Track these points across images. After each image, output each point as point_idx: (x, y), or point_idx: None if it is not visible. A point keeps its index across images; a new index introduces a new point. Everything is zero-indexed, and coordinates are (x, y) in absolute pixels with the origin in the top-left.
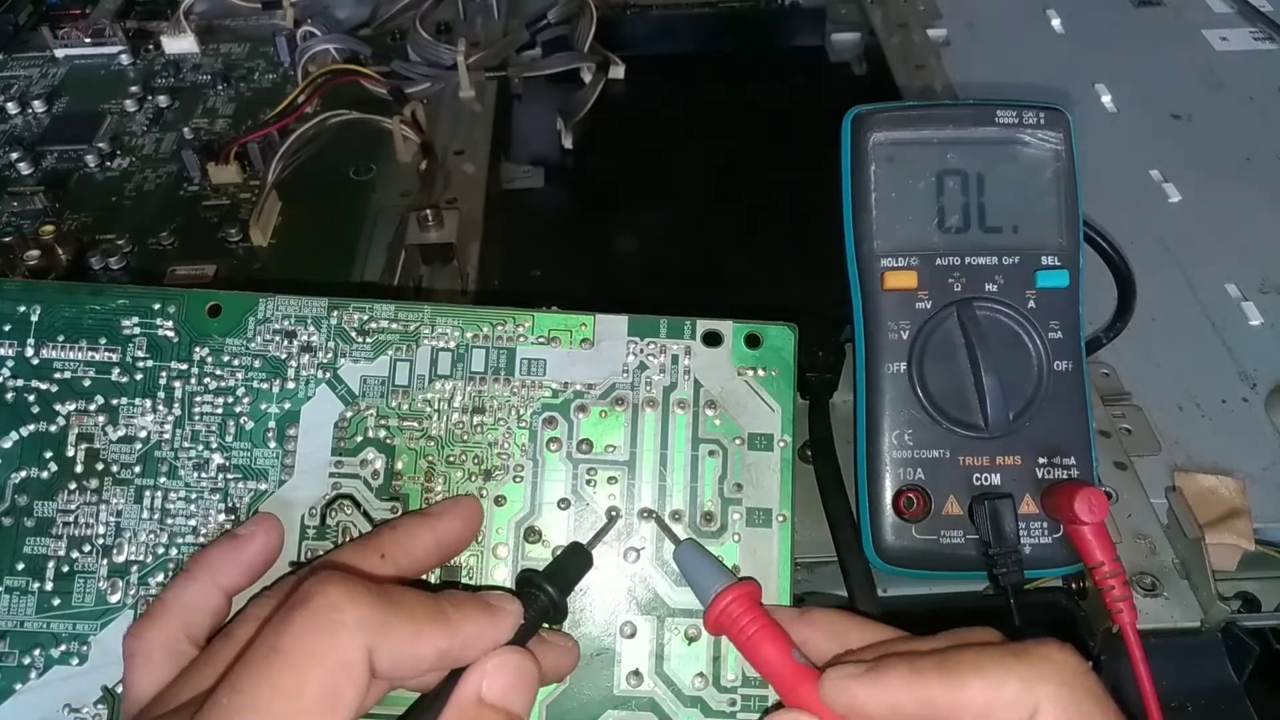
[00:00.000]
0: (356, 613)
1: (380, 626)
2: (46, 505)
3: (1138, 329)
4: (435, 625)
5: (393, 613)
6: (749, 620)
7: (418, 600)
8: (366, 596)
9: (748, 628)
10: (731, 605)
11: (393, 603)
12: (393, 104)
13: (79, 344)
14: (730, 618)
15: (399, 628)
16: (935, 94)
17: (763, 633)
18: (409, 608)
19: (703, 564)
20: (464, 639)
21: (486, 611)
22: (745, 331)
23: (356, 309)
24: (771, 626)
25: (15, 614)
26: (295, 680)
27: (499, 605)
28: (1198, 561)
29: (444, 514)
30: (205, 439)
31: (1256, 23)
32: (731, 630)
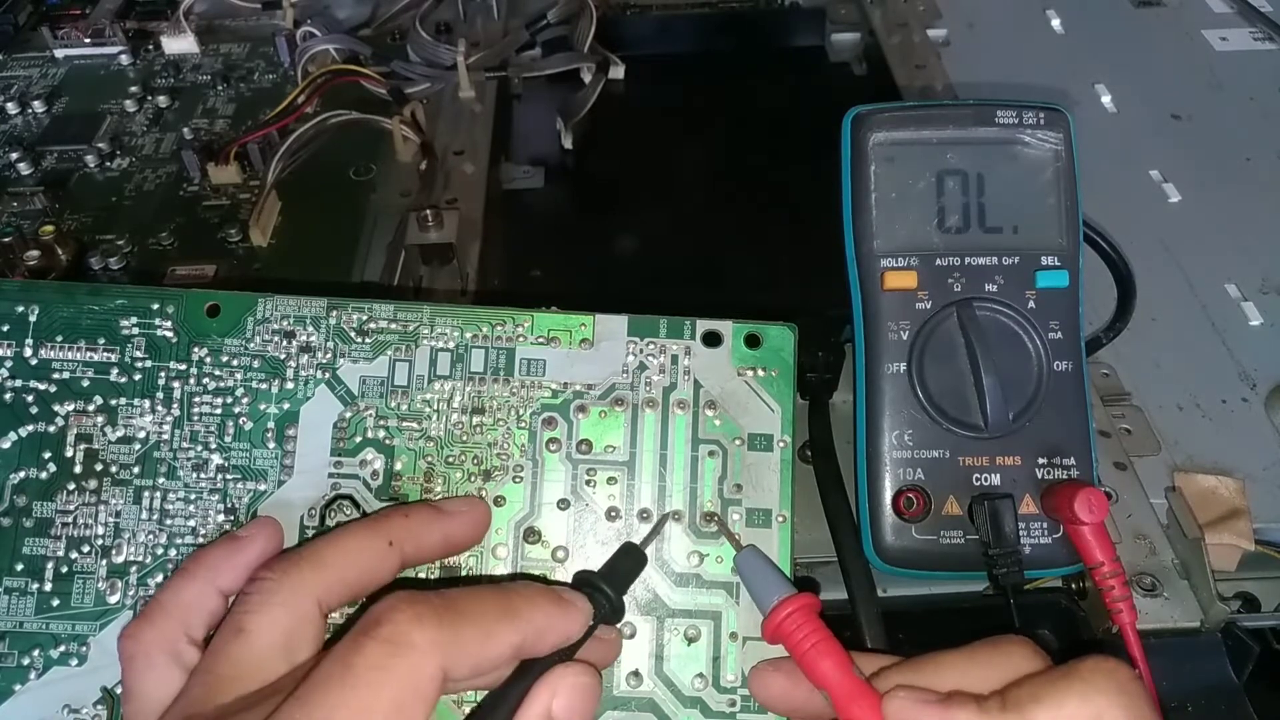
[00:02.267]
0: (426, 635)
1: (452, 643)
2: (45, 506)
3: (1138, 329)
4: (506, 622)
5: (462, 624)
6: (809, 632)
7: (485, 601)
8: (434, 616)
9: (807, 639)
10: (793, 616)
11: (460, 613)
12: (393, 104)
13: (77, 344)
14: (790, 629)
15: (469, 637)
16: (935, 94)
17: (823, 645)
18: (477, 613)
19: (765, 572)
20: (537, 630)
21: (558, 603)
22: (745, 332)
23: (355, 309)
24: (832, 640)
25: (14, 615)
26: (368, 698)
27: (571, 599)
28: (1198, 561)
29: (457, 513)
30: (204, 439)
31: (1256, 23)
32: (790, 641)
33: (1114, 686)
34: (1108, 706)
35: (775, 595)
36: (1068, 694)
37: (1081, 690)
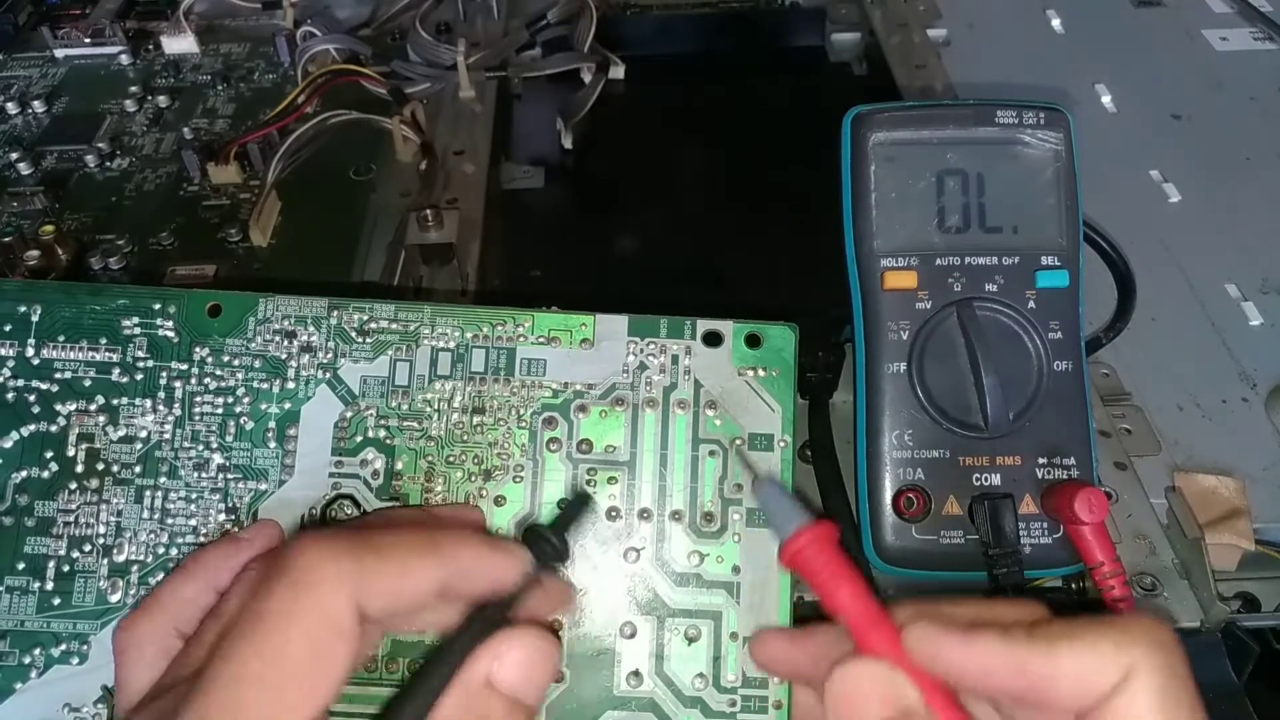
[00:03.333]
0: (336, 566)
1: (362, 573)
2: (47, 505)
3: (1138, 329)
4: (426, 557)
5: (374, 557)
6: (829, 559)
7: (403, 537)
8: (344, 547)
9: (826, 567)
10: (812, 544)
11: (373, 547)
12: (393, 104)
13: (79, 344)
14: (808, 556)
15: (383, 569)
16: (935, 94)
17: (842, 574)
18: (391, 545)
19: (783, 501)
20: (461, 568)
21: (488, 544)
22: (745, 332)
23: (356, 309)
24: (851, 569)
25: (16, 613)
26: (280, 643)
27: (504, 543)
28: (1198, 561)
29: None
30: (205, 439)
31: (1256, 23)
32: (808, 568)
33: (1153, 640)
34: (1143, 658)
35: (795, 522)
36: (1103, 639)
37: (1119, 640)
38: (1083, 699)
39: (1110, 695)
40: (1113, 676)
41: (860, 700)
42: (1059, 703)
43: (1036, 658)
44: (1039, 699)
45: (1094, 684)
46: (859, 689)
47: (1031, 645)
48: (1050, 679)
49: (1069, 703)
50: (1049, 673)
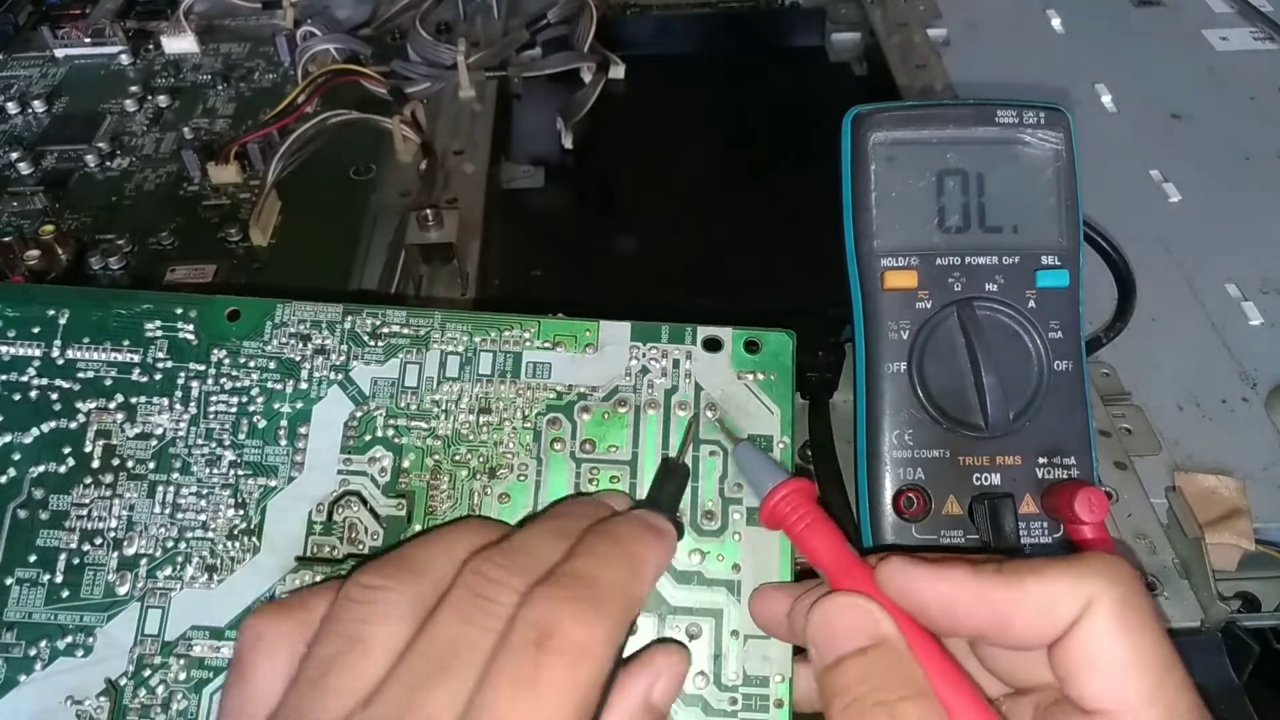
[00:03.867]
0: (596, 634)
1: (616, 629)
2: (61, 499)
3: (1138, 329)
4: (639, 583)
5: (616, 606)
6: (804, 513)
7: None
8: (593, 611)
9: (801, 520)
10: (788, 498)
11: (608, 592)
12: (393, 104)
13: (103, 345)
14: (785, 510)
15: (623, 614)
16: (935, 94)
17: (817, 524)
18: (617, 586)
19: (761, 461)
20: (655, 575)
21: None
22: (744, 338)
23: (369, 314)
24: (826, 520)
25: (24, 605)
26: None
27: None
28: (1198, 561)
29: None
30: (219, 436)
31: (1256, 23)
32: (785, 522)
33: (1113, 573)
34: (1104, 589)
35: (771, 480)
36: (1064, 573)
37: (1079, 572)
38: (1047, 630)
39: (1072, 627)
40: (1074, 607)
41: (836, 631)
42: (1024, 634)
43: (1001, 590)
44: (1004, 631)
45: (1057, 615)
46: (835, 620)
47: (997, 577)
48: (1015, 610)
49: (1034, 634)
50: (1013, 605)
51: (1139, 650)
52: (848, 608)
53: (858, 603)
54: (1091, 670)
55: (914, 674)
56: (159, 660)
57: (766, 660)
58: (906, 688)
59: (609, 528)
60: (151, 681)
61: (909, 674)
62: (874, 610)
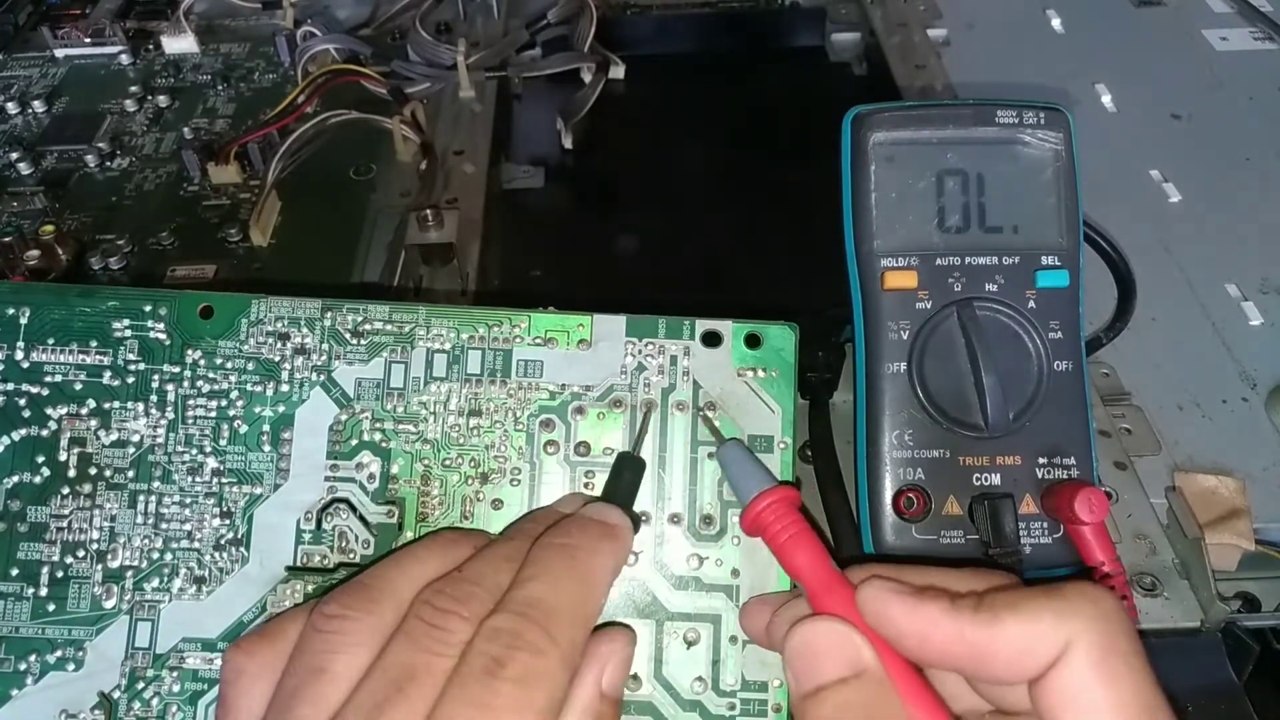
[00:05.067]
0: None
1: (571, 651)
2: (39, 510)
3: (1138, 329)
4: (592, 601)
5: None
6: (788, 523)
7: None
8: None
9: (784, 531)
10: (772, 507)
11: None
12: (393, 104)
13: (69, 347)
14: (768, 520)
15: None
16: (935, 94)
17: (799, 537)
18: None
19: (746, 465)
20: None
21: (610, 538)
22: (745, 332)
23: (350, 310)
24: (810, 533)
25: (10, 620)
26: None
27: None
28: (1198, 561)
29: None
30: (199, 443)
31: (1256, 23)
32: (768, 532)
33: (1094, 612)
34: (1083, 630)
35: (755, 487)
36: (1044, 609)
37: (1059, 610)
38: (1023, 670)
39: (1051, 667)
40: (1052, 648)
41: (815, 658)
42: (999, 673)
43: (977, 628)
44: (980, 669)
45: (1034, 656)
46: (814, 646)
47: (975, 615)
48: (991, 650)
49: (1009, 673)
50: (990, 644)
51: (1118, 694)
52: (827, 633)
53: (836, 628)
54: (1069, 714)
55: (893, 708)
56: (151, 673)
57: (765, 665)
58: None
59: (560, 539)
60: (145, 694)
61: (888, 707)
62: (854, 637)
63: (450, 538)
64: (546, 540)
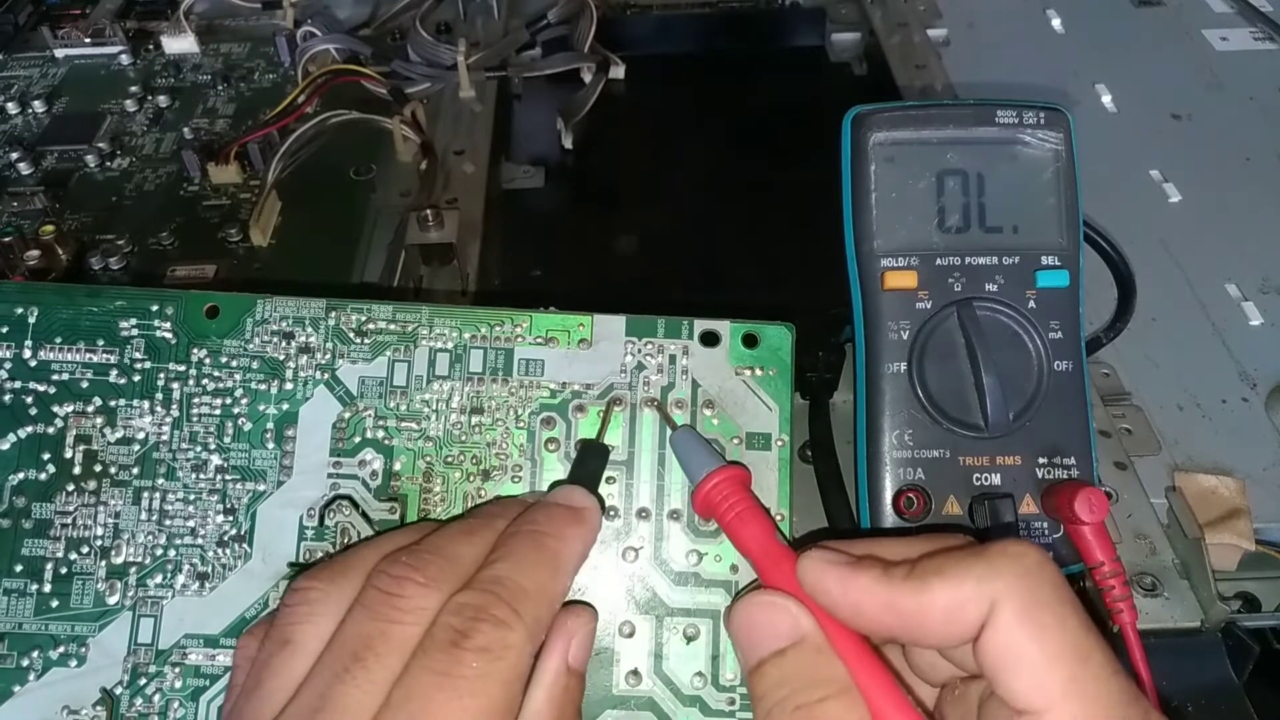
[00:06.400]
0: (516, 633)
1: (535, 626)
2: (44, 507)
3: (1138, 329)
4: (560, 577)
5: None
6: (735, 501)
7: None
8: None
9: (732, 509)
10: (719, 486)
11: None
12: (393, 104)
13: (76, 346)
14: (716, 498)
15: (544, 611)
16: (935, 94)
17: (747, 514)
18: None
19: (697, 449)
20: (578, 564)
21: (579, 523)
22: (743, 331)
23: (354, 310)
24: (757, 509)
25: (13, 616)
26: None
27: (580, 507)
28: (1198, 561)
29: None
30: (203, 440)
31: (1256, 23)
32: (717, 511)
33: (1016, 569)
34: (1006, 590)
35: (704, 468)
36: (968, 573)
37: (982, 571)
38: (955, 633)
39: (983, 630)
40: (979, 609)
41: (755, 632)
42: (933, 638)
43: (906, 595)
44: (915, 635)
45: (962, 618)
46: (756, 619)
47: (905, 583)
48: (919, 615)
49: (943, 638)
50: (919, 611)
51: (1046, 645)
52: (765, 607)
53: (774, 601)
54: (1007, 671)
55: (835, 672)
56: (154, 669)
57: None
58: (827, 687)
59: (527, 526)
60: (148, 690)
61: (829, 672)
62: (790, 607)
63: (427, 524)
64: (514, 528)
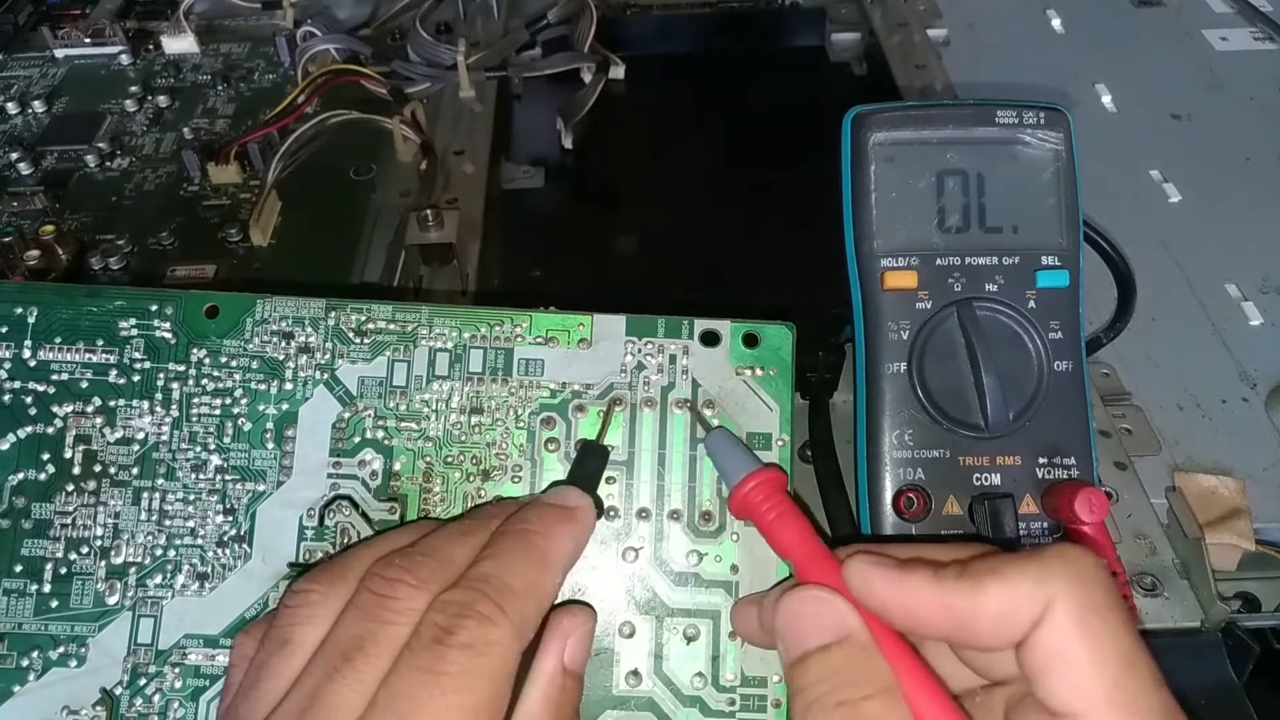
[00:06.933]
0: (501, 629)
1: (521, 624)
2: (44, 507)
3: (1138, 329)
4: (548, 575)
5: (522, 602)
6: (774, 504)
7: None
8: (498, 611)
9: (771, 510)
10: (758, 488)
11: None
12: (393, 104)
13: (76, 346)
14: (755, 500)
15: (530, 609)
16: (935, 94)
17: (786, 515)
18: (526, 583)
19: (733, 450)
20: (567, 563)
21: (569, 521)
22: (743, 331)
23: (354, 310)
24: (795, 511)
25: (13, 616)
26: (469, 700)
27: (572, 506)
28: (1198, 561)
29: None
30: (203, 440)
31: (1256, 23)
32: (755, 513)
33: (1072, 573)
34: (1062, 593)
35: (742, 470)
36: (1024, 574)
37: (1037, 574)
38: (1008, 634)
39: (1032, 631)
40: (1033, 610)
41: (801, 625)
42: (984, 639)
43: (960, 595)
44: (966, 636)
45: (1017, 619)
46: (800, 614)
47: (958, 583)
48: (975, 617)
49: (995, 638)
50: (973, 611)
51: (1095, 650)
52: (811, 601)
53: (821, 595)
54: (1052, 673)
55: (879, 671)
56: (154, 669)
57: (764, 661)
58: (870, 685)
59: (517, 525)
60: (148, 690)
61: (873, 671)
62: (838, 604)
63: (427, 523)
64: (504, 527)
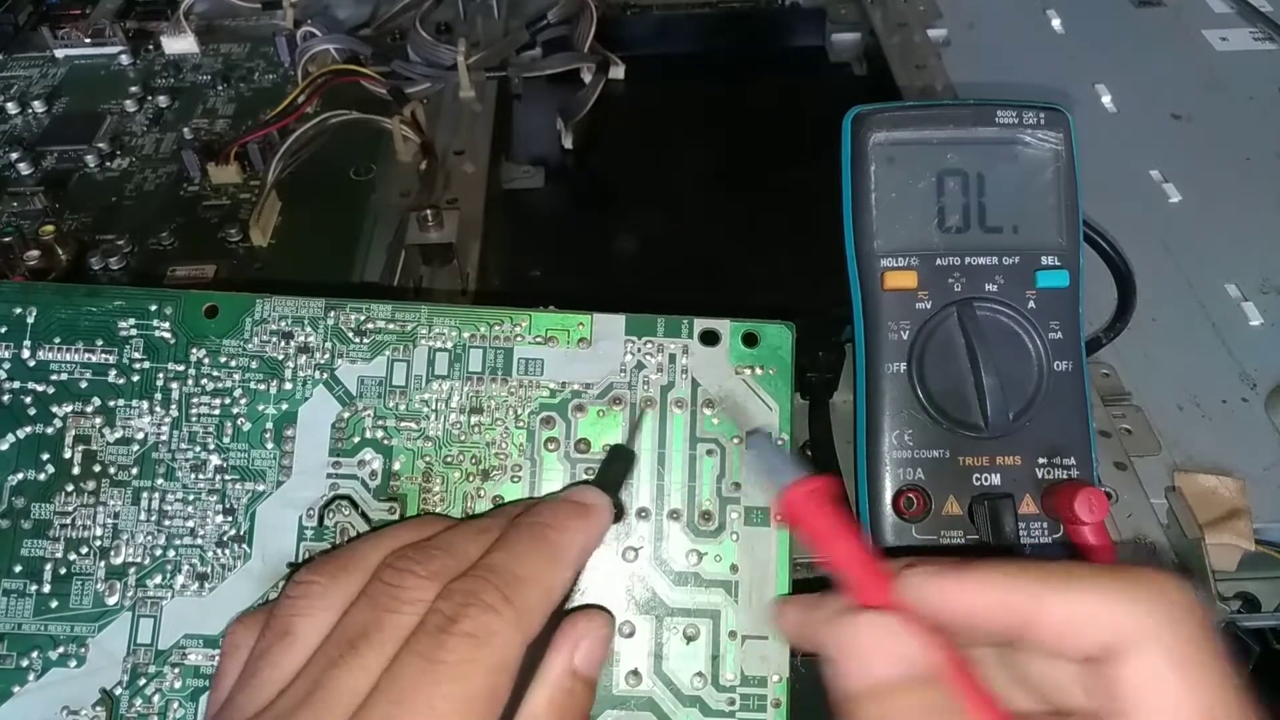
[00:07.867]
0: (504, 620)
1: (526, 616)
2: (44, 507)
3: (1138, 329)
4: (557, 569)
5: (528, 593)
6: (829, 512)
7: (534, 557)
8: (504, 600)
9: (826, 519)
10: (815, 494)
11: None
12: (393, 104)
13: (75, 346)
14: (810, 506)
15: (536, 602)
16: (935, 94)
17: (841, 526)
18: (534, 575)
19: (780, 452)
20: (580, 558)
21: (584, 516)
22: (743, 330)
23: (353, 309)
24: (851, 521)
25: (13, 616)
26: (467, 690)
27: (590, 504)
28: (1198, 561)
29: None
30: (203, 440)
31: (1256, 23)
32: (807, 519)
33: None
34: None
35: (793, 474)
36: (1099, 590)
37: (1116, 594)
38: (1072, 646)
39: (1121, 654)
40: (1112, 631)
41: (864, 653)
42: (1049, 642)
43: (1026, 598)
44: (1027, 635)
45: (1086, 632)
46: (863, 641)
47: (1026, 583)
48: (1036, 617)
49: (1057, 644)
50: (1037, 612)
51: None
52: (877, 628)
53: (888, 623)
54: (1139, 711)
55: (952, 708)
56: (154, 669)
57: (764, 660)
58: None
59: (530, 518)
60: (147, 690)
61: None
62: (903, 634)
63: (429, 518)
64: (518, 520)
